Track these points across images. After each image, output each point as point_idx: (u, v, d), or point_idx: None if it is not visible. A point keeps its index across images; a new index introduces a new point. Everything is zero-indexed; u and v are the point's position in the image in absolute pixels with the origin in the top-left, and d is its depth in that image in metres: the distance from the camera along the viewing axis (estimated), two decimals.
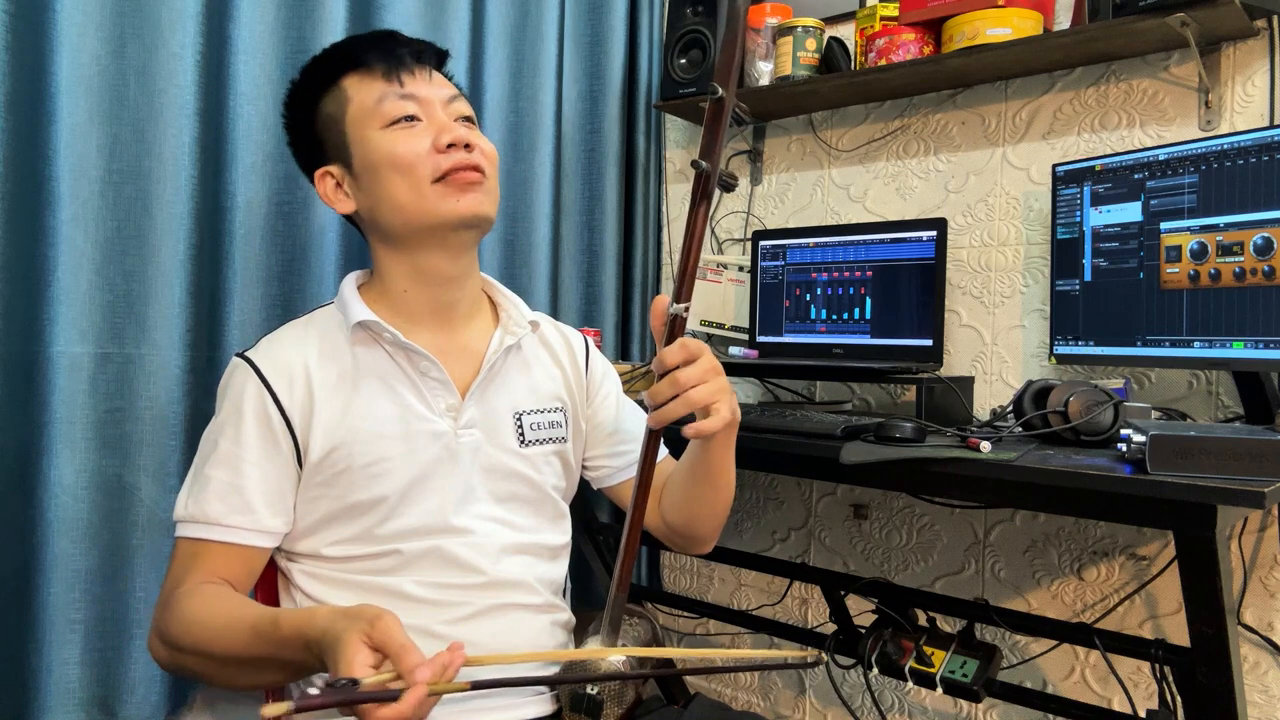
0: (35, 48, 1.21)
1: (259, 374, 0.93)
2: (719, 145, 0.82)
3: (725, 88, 0.80)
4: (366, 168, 0.96)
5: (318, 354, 0.95)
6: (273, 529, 0.92)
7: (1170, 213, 1.36)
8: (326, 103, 0.99)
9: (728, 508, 1.07)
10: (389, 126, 0.95)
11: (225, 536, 0.89)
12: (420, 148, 0.94)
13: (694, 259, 0.86)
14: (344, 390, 0.94)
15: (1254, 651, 1.48)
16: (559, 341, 1.11)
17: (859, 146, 1.94)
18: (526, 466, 1.01)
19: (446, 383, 0.97)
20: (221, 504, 0.90)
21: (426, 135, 0.95)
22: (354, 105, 0.96)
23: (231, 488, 0.90)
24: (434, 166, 0.94)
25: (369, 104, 0.96)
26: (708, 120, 0.82)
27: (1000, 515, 1.74)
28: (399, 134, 0.95)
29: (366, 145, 0.95)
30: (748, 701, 2.10)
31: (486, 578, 0.96)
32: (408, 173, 0.93)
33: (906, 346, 1.68)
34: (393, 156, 0.94)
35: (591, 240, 2.04)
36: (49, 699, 1.22)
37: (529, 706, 0.96)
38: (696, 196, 0.84)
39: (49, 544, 1.22)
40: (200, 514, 0.90)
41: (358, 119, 0.96)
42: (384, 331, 0.95)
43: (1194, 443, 1.00)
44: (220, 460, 0.91)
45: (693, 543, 1.10)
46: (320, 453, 0.92)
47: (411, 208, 0.94)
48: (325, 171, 1.00)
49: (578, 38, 2.01)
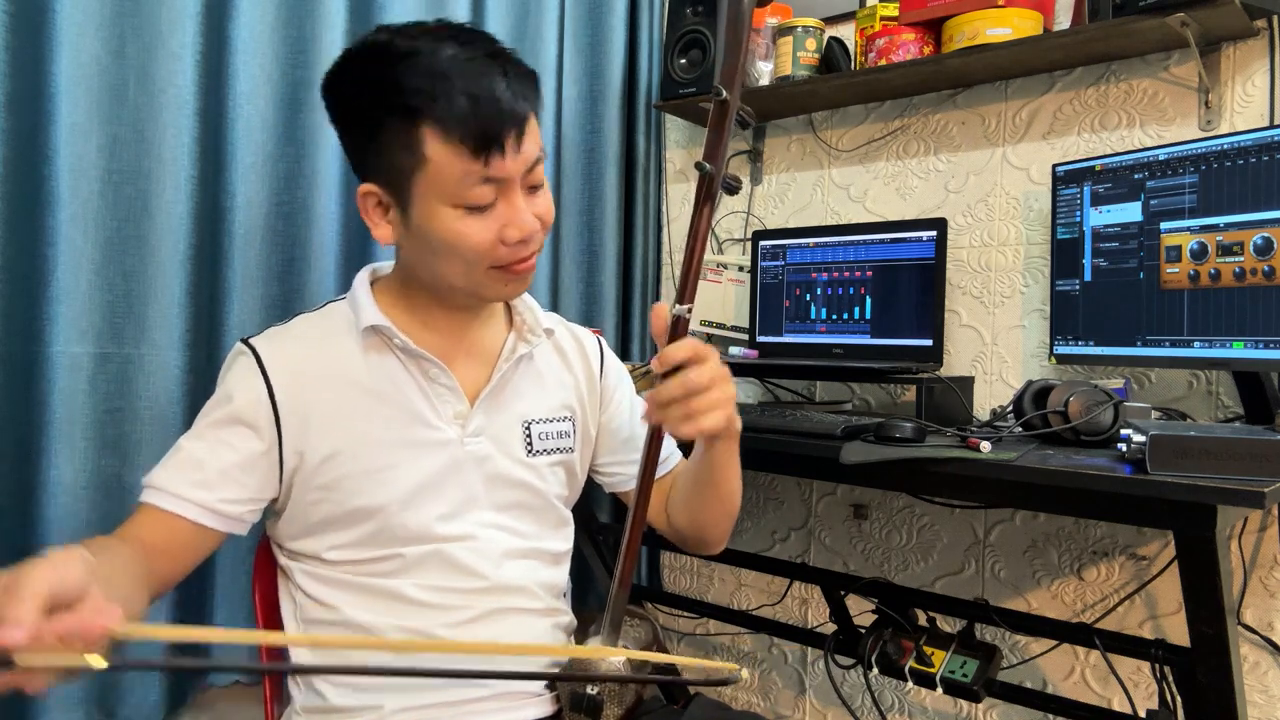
0: (35, 48, 1.21)
1: (260, 365, 0.91)
2: (723, 147, 0.82)
3: (730, 90, 0.80)
4: (424, 233, 0.88)
5: (325, 355, 0.94)
6: (225, 512, 0.88)
7: (1170, 213, 1.36)
8: (393, 138, 0.86)
9: (734, 515, 1.05)
10: (460, 207, 0.86)
11: (170, 505, 0.86)
12: (487, 239, 0.87)
13: (697, 261, 0.85)
14: (348, 394, 0.93)
15: (1254, 651, 1.48)
16: (572, 347, 1.09)
17: (859, 146, 1.94)
18: (532, 476, 1.00)
19: (455, 390, 0.96)
20: (180, 474, 0.87)
21: (496, 224, 0.87)
22: (431, 168, 0.85)
23: (197, 463, 0.88)
24: (495, 258, 0.89)
25: (448, 179, 0.85)
26: (712, 123, 0.81)
27: (1000, 515, 1.74)
28: (469, 220, 0.87)
29: (431, 216, 0.87)
30: (748, 701, 2.11)
31: (488, 582, 0.95)
32: (468, 261, 0.89)
33: (906, 346, 1.68)
34: (458, 244, 0.87)
35: (591, 240, 2.04)
36: (49, 699, 1.22)
37: (529, 708, 0.96)
38: (700, 198, 0.83)
39: (48, 544, 1.22)
40: (159, 480, 0.88)
41: (430, 185, 0.86)
42: (395, 337, 0.94)
43: (1194, 443, 1.00)
44: (198, 435, 0.90)
45: (700, 546, 1.09)
46: (321, 455, 0.91)
47: (460, 285, 0.92)
48: (371, 191, 0.90)
49: (578, 38, 2.01)
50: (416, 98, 0.83)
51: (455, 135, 0.83)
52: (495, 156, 0.84)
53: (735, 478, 1.01)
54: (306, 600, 0.95)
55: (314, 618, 0.94)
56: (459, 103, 0.83)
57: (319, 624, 0.94)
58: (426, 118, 0.83)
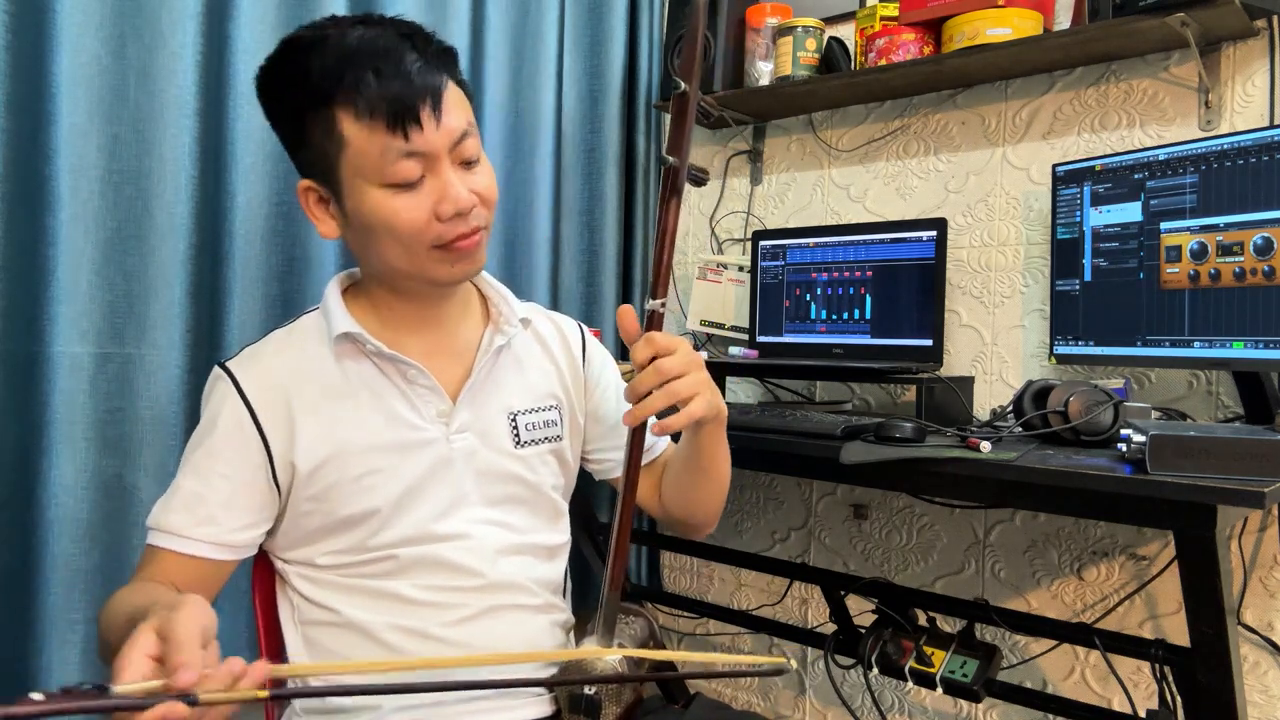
0: (35, 48, 1.21)
1: (237, 387, 0.91)
2: (686, 140, 0.83)
3: (689, 83, 0.81)
4: (360, 220, 0.89)
5: (301, 368, 0.93)
6: (234, 543, 0.90)
7: (1170, 213, 1.36)
8: (314, 127, 0.87)
9: (724, 495, 1.07)
10: (388, 186, 0.86)
11: (181, 547, 0.88)
12: (420, 215, 0.87)
13: (668, 255, 0.86)
14: (330, 403, 0.92)
15: (1254, 651, 1.48)
16: (553, 335, 1.09)
17: (859, 146, 1.94)
18: (522, 468, 1.00)
19: (435, 389, 0.95)
20: (184, 514, 0.88)
21: (428, 199, 0.87)
22: (351, 150, 0.85)
23: (197, 498, 0.89)
24: (434, 235, 0.88)
25: (370, 156, 0.85)
26: (674, 116, 0.83)
27: (1000, 515, 1.74)
28: (399, 199, 0.86)
29: (361, 199, 0.87)
30: (748, 701, 2.11)
31: (485, 580, 0.95)
32: (404, 241, 0.88)
33: (906, 346, 1.68)
34: (390, 223, 0.87)
35: (591, 240, 2.04)
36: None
37: (529, 707, 0.96)
38: (666, 193, 0.84)
39: (49, 544, 1.22)
40: (164, 523, 0.89)
41: (354, 167, 0.86)
42: (367, 343, 0.93)
43: (1194, 443, 1.00)
44: (192, 469, 0.90)
45: (692, 529, 1.11)
46: (309, 467, 0.91)
47: (403, 267, 0.91)
48: (309, 187, 0.91)
49: (578, 38, 2.01)
50: (325, 81, 0.84)
51: (366, 112, 0.84)
52: (413, 130, 0.84)
53: (724, 459, 1.03)
54: (303, 602, 0.95)
55: (312, 619, 0.94)
56: (366, 79, 0.83)
57: (317, 625, 0.94)
58: (338, 99, 0.84)
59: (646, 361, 0.86)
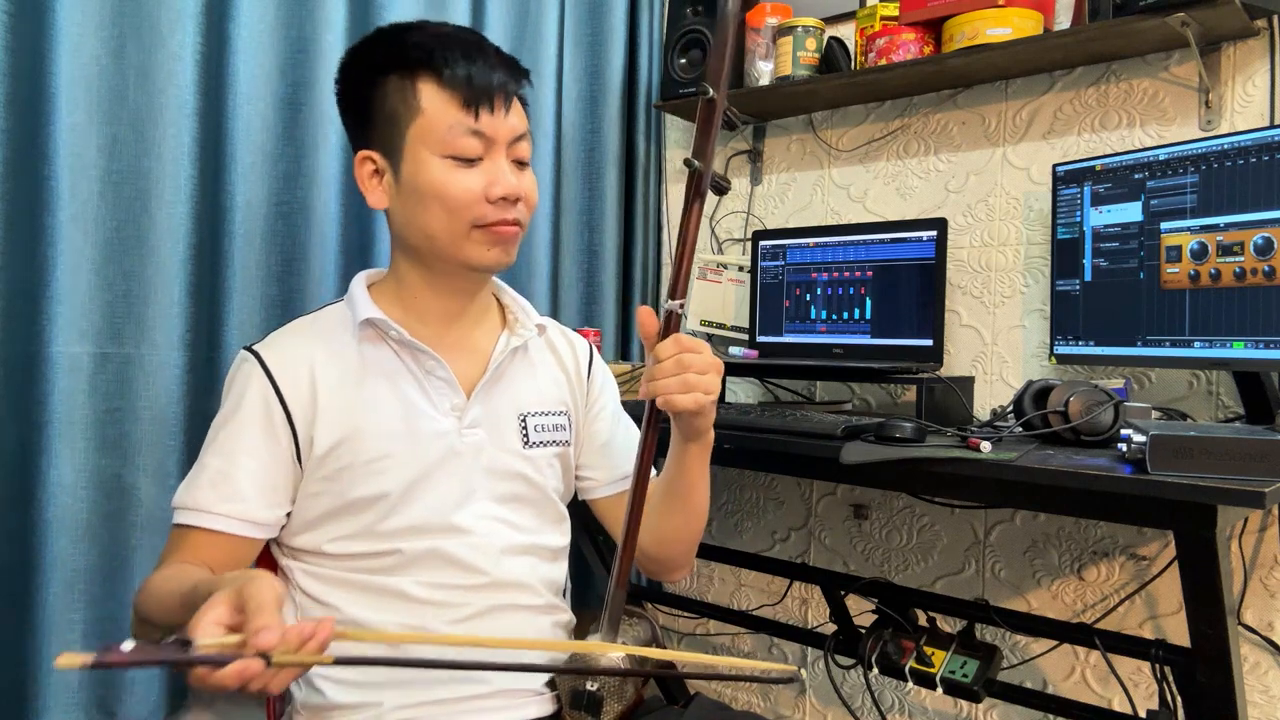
0: (35, 48, 1.21)
1: (265, 369, 0.93)
2: (711, 146, 0.83)
3: (716, 89, 0.81)
4: (413, 186, 0.93)
5: (324, 351, 0.96)
6: (262, 520, 0.91)
7: (1170, 213, 1.36)
8: (393, 93, 0.93)
9: (699, 532, 1.07)
10: (449, 158, 0.92)
11: (210, 524, 0.89)
12: (472, 192, 0.92)
13: (689, 257, 0.87)
14: (349, 387, 0.94)
15: (1254, 651, 1.48)
16: (564, 346, 1.12)
17: (859, 146, 1.94)
18: (529, 468, 1.01)
19: (451, 381, 0.97)
20: (212, 491, 0.90)
21: (481, 178, 0.92)
22: (423, 119, 0.92)
23: (224, 476, 0.90)
24: (479, 214, 0.93)
25: (439, 127, 0.92)
26: (700, 121, 0.83)
27: (1000, 515, 1.74)
28: (456, 172, 0.92)
29: (420, 166, 0.92)
30: (748, 701, 2.10)
31: (488, 578, 0.96)
32: (452, 212, 0.92)
33: (906, 346, 1.68)
34: (443, 192, 0.92)
35: (591, 240, 2.04)
36: (49, 699, 1.22)
37: (530, 706, 0.96)
38: (690, 196, 0.85)
39: (48, 544, 1.22)
40: (190, 500, 0.90)
41: (421, 134, 0.92)
42: (390, 329, 0.95)
43: (1194, 443, 1.00)
44: (218, 449, 0.92)
45: (666, 568, 1.09)
46: (324, 448, 0.92)
47: (442, 240, 0.94)
48: (368, 156, 0.96)
49: (578, 38, 2.01)
50: (418, 51, 0.93)
51: (448, 87, 0.92)
52: (484, 111, 0.92)
53: (704, 490, 1.03)
54: (306, 600, 0.95)
55: (314, 619, 0.94)
56: (456, 57, 0.92)
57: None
58: (425, 70, 0.92)
59: (669, 356, 0.87)
